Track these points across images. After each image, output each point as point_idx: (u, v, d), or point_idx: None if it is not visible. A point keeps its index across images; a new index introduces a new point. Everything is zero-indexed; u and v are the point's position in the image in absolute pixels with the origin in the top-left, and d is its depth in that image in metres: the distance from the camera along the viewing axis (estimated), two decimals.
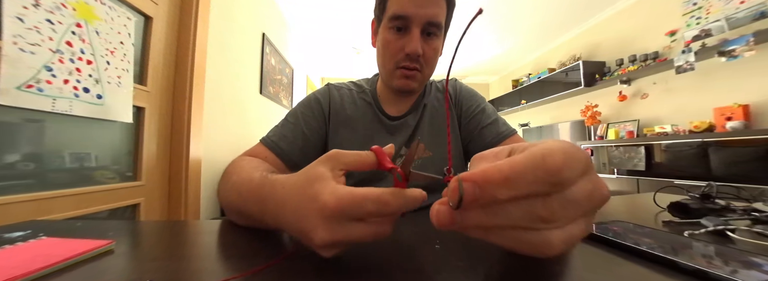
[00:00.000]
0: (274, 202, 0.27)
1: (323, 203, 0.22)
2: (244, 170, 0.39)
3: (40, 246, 0.28)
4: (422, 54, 0.57)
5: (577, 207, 0.17)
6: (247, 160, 0.49)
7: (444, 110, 0.69)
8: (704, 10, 2.17)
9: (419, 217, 0.43)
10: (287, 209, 0.25)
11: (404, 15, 0.54)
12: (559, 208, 0.16)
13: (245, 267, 0.24)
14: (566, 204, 0.16)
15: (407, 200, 0.22)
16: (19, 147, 0.80)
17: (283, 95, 2.87)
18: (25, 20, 0.76)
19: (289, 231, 0.26)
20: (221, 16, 1.64)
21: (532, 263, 0.25)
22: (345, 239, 0.22)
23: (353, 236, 0.22)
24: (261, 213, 0.29)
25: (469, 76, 5.58)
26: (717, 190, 0.42)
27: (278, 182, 0.28)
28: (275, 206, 0.27)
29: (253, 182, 0.32)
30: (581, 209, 0.17)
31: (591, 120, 3.11)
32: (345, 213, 0.21)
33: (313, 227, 0.22)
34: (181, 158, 1.31)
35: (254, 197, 0.31)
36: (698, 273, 0.21)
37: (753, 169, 1.71)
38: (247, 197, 0.33)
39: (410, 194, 0.22)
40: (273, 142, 0.59)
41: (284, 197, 0.26)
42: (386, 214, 0.22)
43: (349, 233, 0.22)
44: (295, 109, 0.66)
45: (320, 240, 0.22)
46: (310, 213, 0.22)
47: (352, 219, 0.22)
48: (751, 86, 1.95)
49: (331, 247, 0.22)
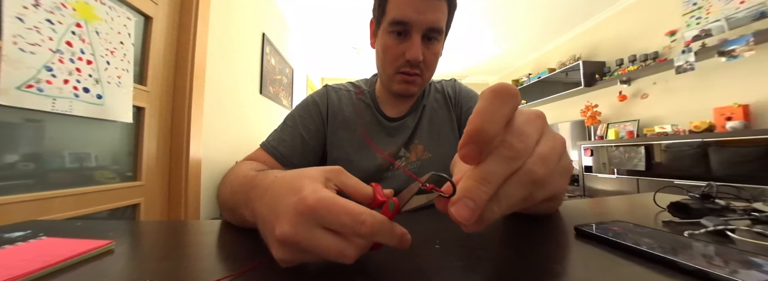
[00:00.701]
0: (260, 189, 0.26)
1: (302, 197, 0.21)
2: (241, 171, 0.40)
3: (40, 246, 0.28)
4: (423, 59, 0.56)
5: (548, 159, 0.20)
6: (247, 163, 0.50)
7: (443, 111, 0.69)
8: (704, 10, 2.17)
9: (419, 217, 0.43)
10: (266, 197, 0.24)
11: (405, 21, 0.53)
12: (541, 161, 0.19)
13: (245, 267, 0.24)
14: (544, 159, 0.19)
15: (385, 228, 0.20)
16: (19, 147, 0.80)
17: (283, 95, 2.87)
18: (25, 20, 0.76)
19: (259, 220, 0.24)
20: (221, 16, 1.64)
21: (532, 263, 0.25)
22: (304, 242, 0.20)
23: (314, 244, 0.20)
24: (244, 203, 0.29)
25: (469, 76, 5.58)
26: (717, 190, 0.42)
27: (273, 172, 0.28)
28: (257, 194, 0.26)
29: (247, 177, 0.32)
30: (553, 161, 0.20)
31: (591, 120, 3.11)
32: (318, 216, 0.20)
33: (281, 216, 0.21)
34: (181, 158, 1.31)
35: (243, 188, 0.30)
36: (698, 273, 0.21)
37: (753, 169, 1.71)
38: (237, 190, 0.33)
39: (393, 226, 0.21)
40: (273, 146, 0.59)
41: (271, 184, 0.25)
42: (358, 234, 0.20)
43: (312, 238, 0.20)
44: (293, 112, 0.66)
45: (280, 233, 0.20)
46: (286, 202, 0.21)
47: (321, 226, 0.20)
48: (751, 86, 1.95)
49: (288, 249, 0.21)
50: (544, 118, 0.22)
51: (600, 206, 0.49)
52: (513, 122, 0.20)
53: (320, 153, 0.64)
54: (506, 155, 0.18)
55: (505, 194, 0.19)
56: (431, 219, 0.41)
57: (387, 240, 0.21)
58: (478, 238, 0.32)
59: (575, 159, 3.10)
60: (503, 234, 0.33)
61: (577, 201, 0.52)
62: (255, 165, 0.47)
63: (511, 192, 0.19)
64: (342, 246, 0.20)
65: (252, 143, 1.86)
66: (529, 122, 0.20)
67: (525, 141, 0.19)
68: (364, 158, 0.62)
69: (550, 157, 0.20)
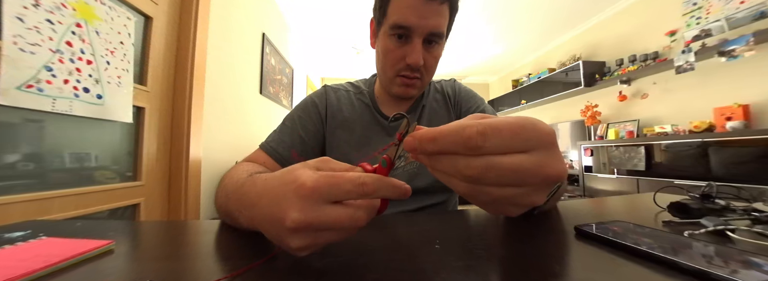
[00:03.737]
0: (254, 194, 0.26)
1: (301, 183, 0.21)
2: (235, 174, 0.40)
3: (40, 246, 0.28)
4: (423, 63, 0.56)
5: (501, 174, 0.20)
6: (245, 164, 0.50)
7: (443, 111, 0.69)
8: (704, 10, 2.17)
9: (419, 217, 0.43)
10: (263, 199, 0.24)
11: (406, 25, 0.53)
12: (483, 170, 0.20)
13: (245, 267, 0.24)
14: (490, 169, 0.20)
15: (385, 183, 0.22)
16: (19, 147, 0.80)
17: (283, 95, 2.87)
18: (25, 20, 0.76)
19: (262, 223, 0.24)
20: (221, 16, 1.64)
21: (532, 263, 0.25)
22: (316, 221, 0.21)
23: (326, 219, 0.21)
24: (238, 211, 0.29)
25: (469, 76, 5.58)
26: (717, 190, 0.42)
27: (261, 177, 0.28)
28: (252, 200, 0.26)
29: (239, 181, 0.32)
30: (508, 178, 0.20)
31: (591, 120, 3.11)
32: (321, 193, 0.21)
33: (286, 208, 0.21)
34: (181, 158, 1.31)
35: (237, 195, 0.31)
36: (698, 274, 0.21)
37: (753, 169, 1.71)
38: (231, 196, 0.33)
39: (390, 180, 0.23)
40: (271, 147, 0.59)
41: (263, 188, 0.25)
42: (364, 194, 0.21)
43: (322, 215, 0.21)
44: (292, 113, 0.66)
45: (291, 221, 0.20)
46: (286, 194, 0.22)
47: (328, 202, 0.21)
48: (751, 86, 1.95)
49: (303, 235, 0.21)
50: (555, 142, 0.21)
51: (600, 206, 0.49)
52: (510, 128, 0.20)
53: (319, 154, 0.64)
54: (466, 142, 0.20)
55: (439, 162, 0.22)
56: (431, 219, 0.41)
57: (389, 193, 0.23)
58: (478, 238, 0.32)
59: (575, 159, 3.10)
60: (503, 234, 0.33)
61: (577, 201, 0.52)
62: (251, 167, 0.47)
63: (444, 164, 0.22)
64: (350, 212, 0.22)
65: (252, 143, 1.86)
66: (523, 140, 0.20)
67: (491, 145, 0.20)
68: (363, 158, 0.62)
69: (500, 172, 0.20)
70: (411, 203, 0.61)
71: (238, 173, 0.40)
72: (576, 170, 2.99)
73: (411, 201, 0.61)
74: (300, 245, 0.21)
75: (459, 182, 0.22)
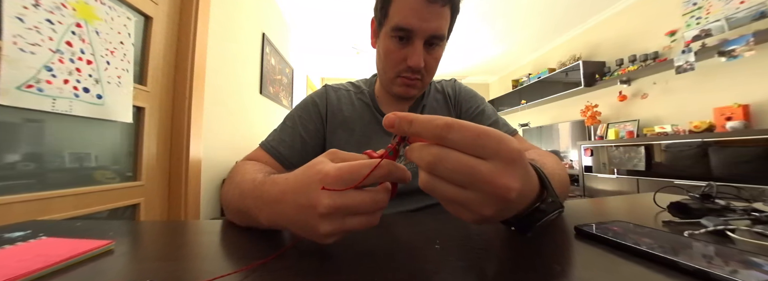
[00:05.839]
0: (276, 192, 0.28)
1: (325, 173, 0.24)
2: (247, 172, 0.40)
3: (40, 246, 0.28)
4: (424, 65, 0.56)
5: (453, 168, 0.21)
6: (251, 164, 0.50)
7: (443, 111, 0.69)
8: (704, 10, 2.17)
9: (419, 217, 0.43)
10: (287, 195, 0.26)
11: (408, 27, 0.53)
12: (436, 157, 0.21)
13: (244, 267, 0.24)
14: (443, 159, 0.21)
15: (394, 167, 0.25)
16: (19, 147, 0.80)
17: (283, 95, 2.87)
18: (25, 20, 0.76)
19: (290, 215, 0.26)
20: (221, 16, 1.64)
21: (532, 263, 0.25)
22: (345, 204, 0.23)
23: (353, 202, 0.24)
24: (257, 209, 0.30)
25: (469, 76, 5.58)
26: (717, 190, 0.42)
27: (281, 176, 0.30)
28: (274, 197, 0.28)
29: (256, 181, 0.33)
30: (459, 175, 0.21)
31: (591, 120, 3.11)
32: (345, 180, 0.24)
33: (316, 197, 0.24)
34: (181, 158, 1.31)
35: (254, 194, 0.32)
36: (698, 273, 0.21)
37: (753, 169, 1.71)
38: (247, 194, 0.33)
39: (397, 164, 0.26)
40: (272, 147, 0.59)
41: (286, 185, 0.27)
42: (381, 177, 0.25)
43: (350, 198, 0.24)
44: (292, 112, 0.66)
45: (323, 207, 0.23)
46: (312, 185, 0.24)
47: (351, 187, 0.24)
48: (751, 86, 1.95)
49: (334, 219, 0.24)
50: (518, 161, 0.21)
51: (600, 206, 0.49)
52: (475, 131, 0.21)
53: (319, 153, 0.64)
54: (433, 129, 0.21)
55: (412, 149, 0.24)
56: (431, 219, 0.41)
57: (400, 175, 0.26)
58: (478, 238, 0.32)
59: (575, 159, 3.10)
60: (503, 234, 0.33)
61: (577, 201, 0.52)
62: (260, 167, 0.47)
63: (414, 150, 0.24)
64: (372, 194, 0.25)
65: (252, 143, 1.87)
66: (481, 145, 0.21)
67: (453, 138, 0.21)
68: None
69: (451, 165, 0.21)
70: (411, 203, 0.61)
71: (252, 172, 0.40)
72: (576, 170, 2.99)
73: (411, 201, 0.61)
74: (329, 230, 0.24)
75: (422, 173, 0.23)
